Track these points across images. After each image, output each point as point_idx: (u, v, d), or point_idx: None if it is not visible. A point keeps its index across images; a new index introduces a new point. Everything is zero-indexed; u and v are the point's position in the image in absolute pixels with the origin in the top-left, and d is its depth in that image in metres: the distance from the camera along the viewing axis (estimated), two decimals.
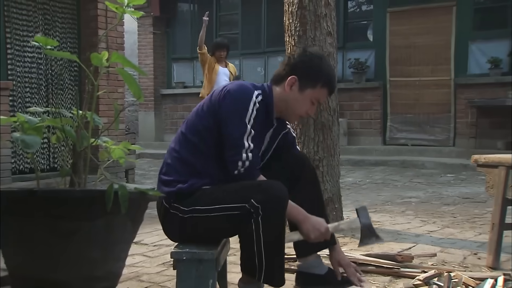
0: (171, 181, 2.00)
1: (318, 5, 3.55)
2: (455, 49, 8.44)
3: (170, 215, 1.99)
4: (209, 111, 2.02)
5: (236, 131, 1.94)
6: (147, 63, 11.12)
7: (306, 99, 2.08)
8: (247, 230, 1.84)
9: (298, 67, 2.09)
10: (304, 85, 2.07)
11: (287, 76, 2.09)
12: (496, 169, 2.65)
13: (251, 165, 1.93)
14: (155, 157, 9.86)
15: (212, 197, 1.93)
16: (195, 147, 2.01)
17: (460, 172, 6.96)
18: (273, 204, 1.83)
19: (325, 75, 2.09)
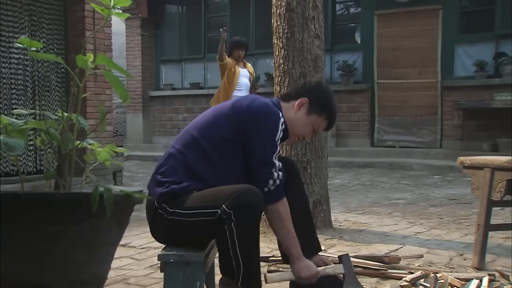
0: (166, 182, 2.00)
1: (306, 7, 3.56)
2: (441, 52, 8.51)
3: (157, 215, 2.00)
4: (231, 122, 2.04)
5: (268, 150, 2.00)
6: (135, 65, 11.08)
7: (309, 123, 2.18)
8: (222, 236, 1.85)
9: (312, 92, 2.20)
10: (312, 110, 2.17)
11: (298, 97, 2.19)
12: (481, 170, 2.68)
13: (280, 184, 2.01)
14: (144, 159, 9.82)
15: (192, 201, 1.94)
16: (204, 154, 2.02)
17: (447, 173, 7.02)
18: (246, 210, 1.83)
19: (332, 109, 2.22)
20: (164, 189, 1.98)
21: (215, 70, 10.76)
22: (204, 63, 10.79)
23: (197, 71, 10.88)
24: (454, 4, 8.47)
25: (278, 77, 3.64)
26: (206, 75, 10.79)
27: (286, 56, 3.59)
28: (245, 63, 6.42)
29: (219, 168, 2.01)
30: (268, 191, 1.98)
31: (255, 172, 1.99)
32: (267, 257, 2.79)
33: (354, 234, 3.57)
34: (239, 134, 2.02)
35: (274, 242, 3.17)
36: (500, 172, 2.58)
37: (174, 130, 10.85)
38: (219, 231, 1.86)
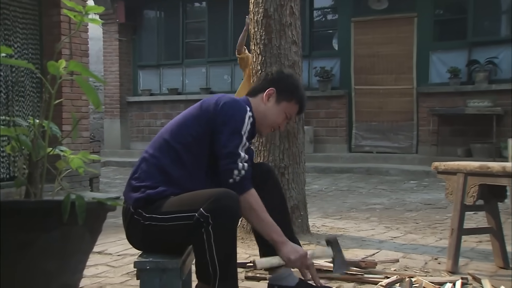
0: (142, 187, 1.99)
1: (283, 14, 3.59)
2: (417, 58, 8.65)
3: (134, 221, 1.98)
4: (199, 121, 2.06)
5: (233, 141, 1.99)
6: (112, 70, 10.98)
7: (281, 111, 2.19)
8: (199, 240, 1.84)
9: (276, 81, 2.21)
10: (280, 98, 2.19)
11: (264, 89, 2.20)
12: (454, 176, 2.72)
13: (246, 175, 1.99)
14: (121, 165, 9.72)
15: (168, 205, 1.93)
16: (177, 156, 2.02)
17: (423, 178, 7.11)
18: (223, 214, 1.83)
19: (300, 92, 2.24)
20: (140, 194, 1.97)
21: (194, 75, 10.82)
22: (182, 69, 10.76)
23: (175, 76, 10.84)
24: (429, 12, 8.63)
25: (255, 82, 3.65)
26: (184, 81, 10.76)
27: (264, 62, 3.60)
28: None
29: (194, 170, 2.01)
30: (233, 182, 1.96)
31: (221, 164, 1.99)
32: (244, 263, 2.78)
33: None
34: (208, 134, 2.03)
35: (252, 248, 3.17)
36: (473, 177, 2.62)
37: (152, 135, 10.73)
38: (196, 235, 1.85)
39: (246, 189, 1.99)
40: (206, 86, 10.36)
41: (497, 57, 8.07)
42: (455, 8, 9.01)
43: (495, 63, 8.06)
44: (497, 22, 8.61)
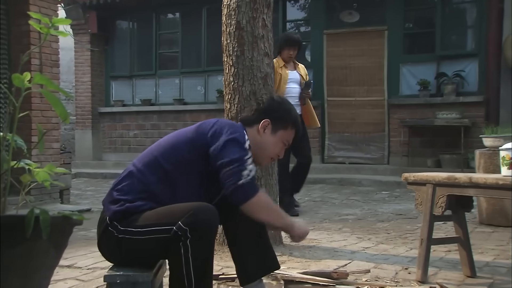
0: (122, 200, 1.97)
1: (255, 26, 3.61)
2: (387, 71, 8.80)
3: (108, 233, 1.96)
4: (194, 145, 2.04)
5: (239, 152, 1.97)
6: (84, 80, 10.85)
7: (278, 140, 2.20)
8: (175, 253, 1.83)
9: (270, 111, 2.22)
10: (276, 127, 2.19)
11: (258, 120, 2.19)
12: (424, 186, 2.77)
13: (255, 177, 1.98)
14: (93, 176, 9.57)
15: (145, 219, 1.92)
16: (165, 176, 2.00)
17: (394, 189, 7.21)
18: (201, 227, 1.83)
19: (293, 117, 2.25)
20: (119, 207, 1.96)
21: (167, 86, 10.77)
22: (156, 80, 10.70)
23: (149, 87, 10.77)
24: (398, 25, 8.80)
25: (228, 94, 3.66)
26: (157, 92, 10.70)
27: (236, 74, 3.61)
28: (296, 64, 5.42)
29: (180, 192, 2.00)
30: (245, 182, 1.92)
31: (224, 171, 1.94)
32: (217, 275, 2.77)
33: (304, 251, 3.60)
34: (202, 157, 2.01)
35: (225, 260, 3.16)
36: (441, 187, 2.67)
37: (125, 147, 10.67)
38: (173, 249, 1.83)
39: (258, 189, 1.99)
40: (180, 97, 10.32)
41: (464, 70, 8.28)
42: (423, 22, 9.23)
43: (462, 76, 8.27)
44: (463, 36, 8.85)
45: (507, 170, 2.33)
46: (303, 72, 5.44)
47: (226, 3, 3.64)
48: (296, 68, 5.37)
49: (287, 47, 5.22)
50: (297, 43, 5.32)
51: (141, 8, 10.47)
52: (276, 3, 8.86)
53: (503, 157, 2.33)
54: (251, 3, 3.56)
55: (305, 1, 9.81)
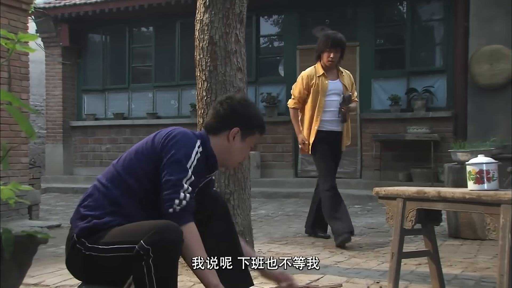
0: (89, 216, 1.95)
1: (228, 41, 3.63)
2: (359, 86, 8.93)
3: (75, 250, 1.93)
4: (150, 156, 2.05)
5: (178, 174, 1.97)
6: (55, 94, 10.70)
7: (247, 146, 2.22)
8: (139, 272, 1.81)
9: (237, 117, 2.18)
10: (245, 134, 2.19)
11: (225, 128, 2.16)
12: (394, 200, 2.81)
13: (187, 206, 1.96)
14: (63, 191, 9.39)
15: (111, 236, 1.90)
16: (129, 189, 2.01)
17: (367, 203, 7.28)
18: (164, 247, 1.81)
19: (260, 120, 2.25)
20: (86, 224, 1.94)
21: (140, 100, 10.70)
22: (129, 93, 10.63)
23: (121, 101, 10.68)
24: (370, 42, 8.98)
25: (201, 109, 3.66)
26: (130, 106, 10.62)
27: (209, 89, 3.61)
28: (340, 71, 4.48)
29: (146, 204, 2.00)
30: (173, 212, 1.93)
31: (163, 194, 1.96)
32: None
33: None
34: (155, 166, 2.02)
35: None
36: (411, 202, 2.71)
37: (97, 161, 10.51)
38: (136, 268, 1.81)
39: (184, 221, 1.95)
40: (153, 111, 10.26)
41: (433, 86, 8.48)
42: (394, 39, 9.43)
43: (431, 91, 8.46)
44: (432, 53, 9.09)
45: (473, 184, 2.38)
46: (348, 81, 4.50)
47: (199, 18, 3.65)
48: (340, 77, 4.45)
49: (327, 50, 4.30)
50: (340, 44, 4.34)
51: (114, 21, 10.42)
52: (250, 19, 8.94)
53: (470, 172, 2.39)
54: (224, 18, 3.59)
55: (279, 17, 9.93)
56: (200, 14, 3.64)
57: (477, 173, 2.35)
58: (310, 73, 4.42)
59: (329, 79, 4.41)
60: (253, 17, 9.31)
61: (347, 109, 4.43)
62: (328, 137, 4.48)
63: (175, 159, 2.00)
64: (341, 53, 4.43)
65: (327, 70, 4.42)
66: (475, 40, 7.84)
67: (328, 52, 4.33)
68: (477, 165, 2.38)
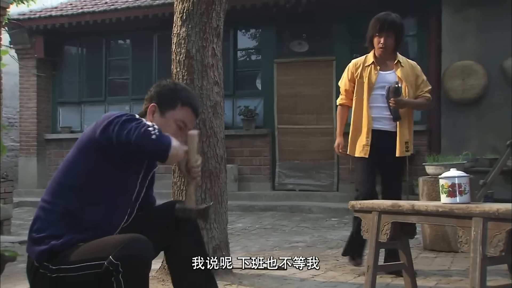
0: (44, 238, 1.88)
1: (205, 55, 3.64)
2: (336, 99, 9.02)
3: (39, 275, 1.87)
4: (88, 148, 1.95)
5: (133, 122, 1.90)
6: (29, 106, 10.53)
7: (169, 121, 2.08)
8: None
9: (156, 95, 2.13)
10: (164, 109, 2.09)
11: (147, 108, 2.13)
12: (370, 214, 2.84)
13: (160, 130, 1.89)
14: (37, 205, 9.15)
15: (76, 254, 1.85)
16: (79, 192, 1.92)
17: (343, 216, 7.31)
18: (134, 261, 1.78)
19: (182, 95, 2.14)
20: (43, 247, 1.87)
21: None
22: (105, 106, 10.52)
23: (98, 113, 10.53)
24: (346, 56, 9.05)
25: None
26: None
27: None
28: (399, 61, 3.72)
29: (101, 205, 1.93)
30: (157, 137, 1.87)
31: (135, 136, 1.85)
32: None
33: (254, 279, 3.58)
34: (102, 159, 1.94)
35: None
36: (386, 215, 2.74)
37: None
38: (106, 284, 1.78)
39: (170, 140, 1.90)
40: None
41: None
42: None
43: None
44: None
45: (446, 197, 2.42)
46: (408, 73, 3.69)
47: (176, 32, 3.66)
48: (396, 68, 3.68)
49: (377, 34, 3.58)
50: (393, 27, 3.57)
51: (91, 33, 10.34)
52: (227, 32, 8.99)
53: (442, 185, 2.43)
54: (201, 32, 3.60)
55: (256, 31, 10.00)
56: (177, 28, 3.65)
57: (450, 187, 2.40)
58: (357, 62, 3.73)
59: (381, 69, 3.66)
60: (230, 31, 9.36)
61: (396, 102, 3.55)
62: (376, 137, 3.71)
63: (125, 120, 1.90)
64: (397, 38, 3.65)
65: (381, 59, 3.67)
66: (447, 56, 8.01)
67: (378, 37, 3.59)
68: (450, 179, 2.42)
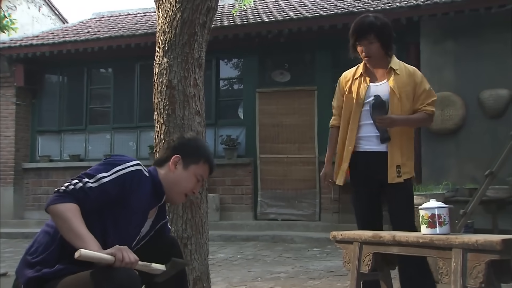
0: (37, 263, 1.86)
1: (187, 85, 3.64)
2: (318, 129, 9.10)
3: None
4: None
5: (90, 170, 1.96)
6: (7, 135, 10.38)
7: (191, 175, 2.18)
8: None
9: (180, 147, 2.22)
10: (188, 162, 2.18)
11: (169, 157, 2.19)
12: (351, 245, 2.82)
13: (74, 191, 1.87)
14: (13, 236, 8.98)
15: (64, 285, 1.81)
16: None
17: (326, 246, 7.28)
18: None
19: (205, 152, 2.27)
20: (34, 273, 1.84)
21: (97, 141, 10.50)
22: (86, 135, 10.44)
23: (78, 142, 10.47)
24: (327, 85, 9.19)
25: (159, 152, 3.62)
26: (87, 147, 10.42)
27: (167, 132, 3.59)
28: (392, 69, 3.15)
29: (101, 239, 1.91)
30: (56, 192, 1.90)
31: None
32: None
33: None
34: None
35: None
36: (367, 246, 2.73)
37: None
38: None
39: (62, 201, 1.84)
40: (110, 153, 10.08)
41: None
42: None
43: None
44: None
45: (426, 228, 2.42)
46: (404, 81, 3.11)
47: (157, 62, 3.67)
48: (388, 77, 3.13)
49: (358, 43, 3.14)
50: (372, 30, 3.06)
51: (72, 62, 10.33)
52: (210, 61, 9.07)
53: (422, 216, 2.43)
54: (183, 63, 3.61)
55: (238, 60, 10.10)
56: (159, 58, 3.66)
57: (430, 218, 2.40)
58: (347, 75, 3.32)
59: (372, 81, 3.19)
60: (213, 60, 9.44)
61: (380, 121, 3.07)
62: (364, 161, 3.20)
63: (97, 164, 2.02)
64: (382, 41, 3.10)
65: (372, 69, 3.21)
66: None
67: (359, 46, 3.13)
68: (429, 210, 2.43)
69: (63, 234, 1.83)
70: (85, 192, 1.88)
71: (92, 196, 1.90)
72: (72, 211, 1.83)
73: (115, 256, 1.79)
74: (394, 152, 3.12)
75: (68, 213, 1.81)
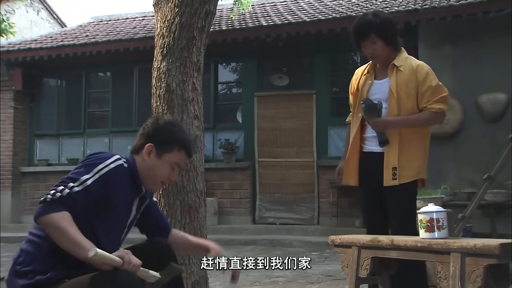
0: (28, 272, 1.84)
1: (185, 89, 3.64)
2: (316, 133, 9.10)
3: None
4: None
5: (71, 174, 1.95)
6: (5, 139, 10.36)
7: (165, 164, 2.14)
8: None
9: (152, 134, 2.17)
10: (161, 151, 2.14)
11: (143, 146, 2.15)
12: (350, 249, 2.81)
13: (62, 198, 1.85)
14: (11, 241, 8.94)
15: None
16: None
17: (324, 250, 7.27)
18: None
19: (179, 138, 2.19)
20: (27, 281, 1.83)
21: (96, 145, 10.47)
22: (84, 139, 10.43)
23: (76, 146, 10.45)
24: (326, 90, 9.22)
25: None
26: (85, 151, 10.40)
27: None
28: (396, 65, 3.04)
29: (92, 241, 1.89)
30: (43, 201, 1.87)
31: None
32: None
33: None
34: None
35: None
36: (366, 250, 2.73)
37: None
38: None
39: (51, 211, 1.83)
40: None
41: None
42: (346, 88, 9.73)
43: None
44: None
45: (425, 232, 2.42)
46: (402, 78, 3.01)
47: (156, 66, 3.67)
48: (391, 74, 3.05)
49: (360, 43, 3.07)
50: (372, 29, 2.97)
51: (70, 66, 10.33)
52: (208, 66, 9.07)
53: (421, 220, 2.43)
54: (181, 67, 3.61)
55: (237, 64, 10.10)
56: (158, 62, 3.66)
57: (428, 222, 2.40)
58: (359, 71, 3.29)
59: (378, 78, 3.14)
60: (211, 64, 9.44)
61: (373, 124, 3.08)
62: (368, 161, 3.17)
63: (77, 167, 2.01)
64: (385, 39, 3.00)
65: (379, 66, 3.15)
66: None
67: (363, 48, 3.08)
68: (428, 214, 2.42)
69: (59, 243, 1.82)
70: (73, 197, 1.88)
71: (80, 200, 1.90)
72: (66, 220, 1.82)
73: (123, 258, 1.80)
74: (390, 154, 3.07)
75: (62, 223, 1.81)
